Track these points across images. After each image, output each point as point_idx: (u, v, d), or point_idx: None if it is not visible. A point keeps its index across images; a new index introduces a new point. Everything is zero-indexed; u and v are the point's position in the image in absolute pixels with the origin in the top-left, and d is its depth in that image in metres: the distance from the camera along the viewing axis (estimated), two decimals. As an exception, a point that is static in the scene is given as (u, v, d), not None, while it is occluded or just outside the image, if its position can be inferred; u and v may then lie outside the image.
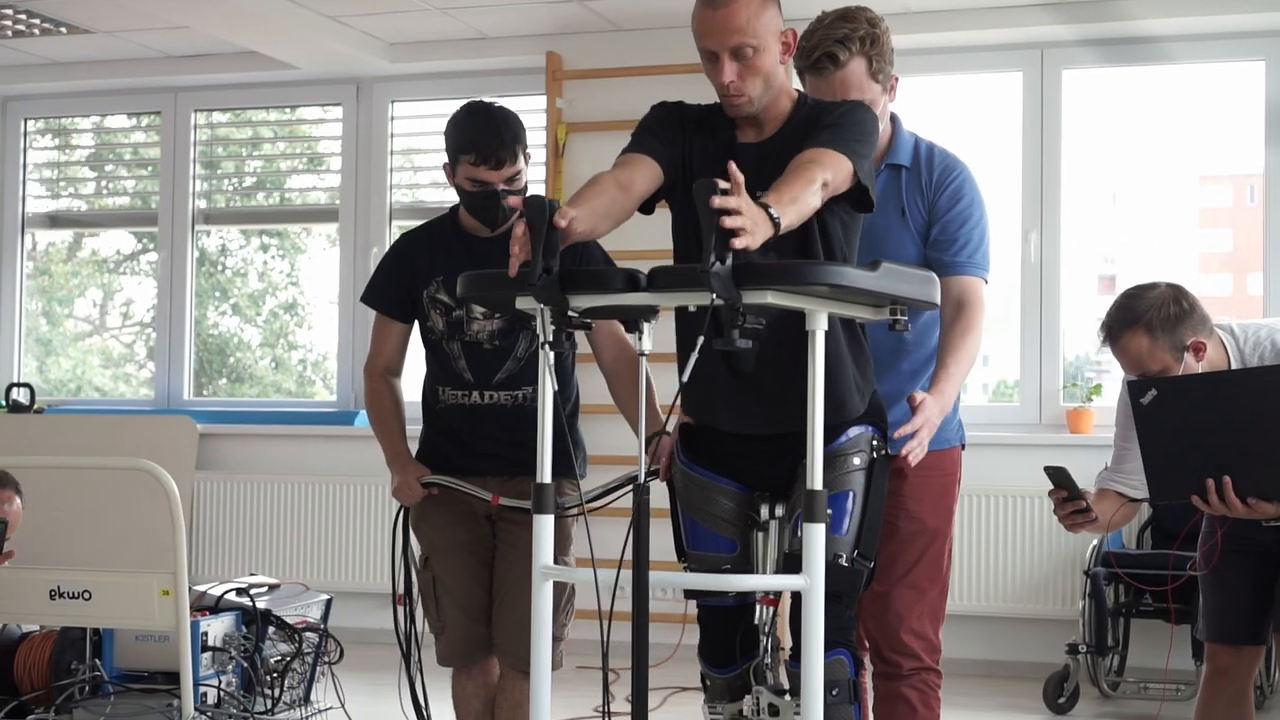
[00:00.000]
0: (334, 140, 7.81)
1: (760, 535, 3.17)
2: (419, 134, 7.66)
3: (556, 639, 3.82)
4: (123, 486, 7.06)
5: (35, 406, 7.83)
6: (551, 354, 2.82)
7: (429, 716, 3.97)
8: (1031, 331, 6.65)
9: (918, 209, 3.51)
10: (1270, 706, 5.71)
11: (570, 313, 2.76)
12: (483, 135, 3.66)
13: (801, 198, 2.80)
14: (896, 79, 3.49)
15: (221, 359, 8.36)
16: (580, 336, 3.87)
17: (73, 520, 6.91)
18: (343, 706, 4.52)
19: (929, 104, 6.78)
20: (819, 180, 2.85)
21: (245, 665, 4.30)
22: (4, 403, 7.88)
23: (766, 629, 3.17)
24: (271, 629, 4.40)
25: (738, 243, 2.58)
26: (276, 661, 4.42)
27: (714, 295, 2.59)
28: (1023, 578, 6.42)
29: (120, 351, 8.70)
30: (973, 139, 6.69)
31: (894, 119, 3.57)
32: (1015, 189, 6.71)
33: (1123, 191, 7.42)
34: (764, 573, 3.14)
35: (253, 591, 4.43)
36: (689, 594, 3.25)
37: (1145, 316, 3.41)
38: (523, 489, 3.70)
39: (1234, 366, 3.48)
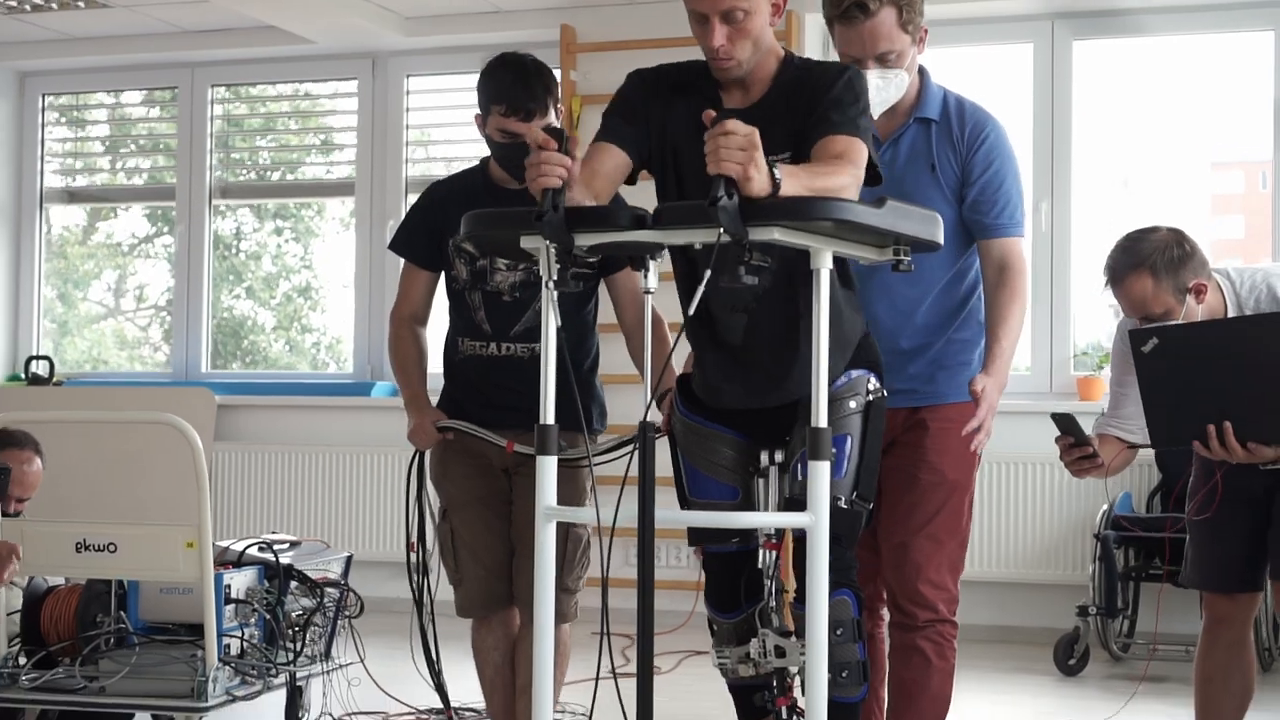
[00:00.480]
0: (350, 115, 7.87)
1: (761, 482, 3.21)
2: (434, 108, 7.72)
3: (570, 591, 3.87)
4: (142, 449, 7.13)
5: (54, 379, 7.91)
6: (555, 292, 2.83)
7: (438, 658, 4.02)
8: (1042, 301, 6.70)
9: (949, 164, 3.54)
10: (1278, 669, 5.77)
11: (575, 251, 2.77)
12: (514, 87, 3.69)
13: (816, 182, 2.82)
14: (926, 31, 3.52)
15: (236, 341, 8.43)
16: (604, 298, 3.95)
17: (95, 481, 6.98)
18: (362, 662, 4.57)
19: (940, 77, 6.81)
20: (847, 179, 2.89)
21: (268, 618, 4.36)
22: (23, 375, 7.96)
23: (770, 573, 3.21)
24: (293, 583, 4.46)
25: (725, 169, 2.59)
26: (298, 616, 4.48)
27: (721, 231, 2.62)
28: (1033, 543, 6.48)
29: (135, 335, 8.77)
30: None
31: (922, 72, 3.60)
32: (1026, 160, 6.76)
33: (1135, 177, 7.45)
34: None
35: (275, 547, 4.49)
36: (693, 540, 3.29)
37: (1149, 259, 3.46)
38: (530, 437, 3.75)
39: (1231, 310, 3.53)
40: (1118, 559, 5.90)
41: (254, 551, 4.49)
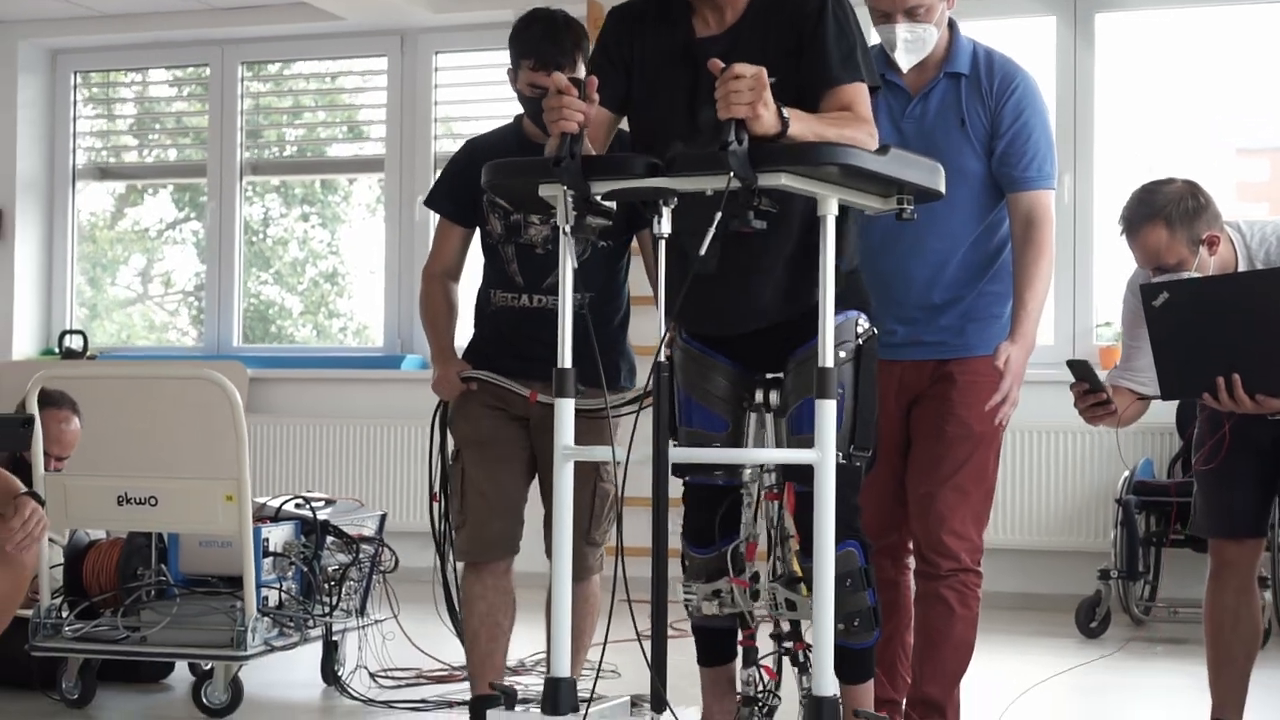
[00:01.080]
0: (378, 92, 7.95)
1: (753, 417, 3.23)
2: (462, 85, 7.80)
3: (596, 545, 3.92)
4: (174, 415, 7.22)
5: (88, 354, 8.01)
6: (573, 240, 2.90)
7: (459, 607, 4.03)
8: (1065, 271, 6.74)
9: (979, 117, 3.57)
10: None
11: (593, 199, 2.83)
12: (543, 42, 3.74)
13: (828, 131, 2.87)
14: None
15: (264, 325, 8.52)
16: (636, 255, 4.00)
17: (129, 445, 7.04)
18: (395, 618, 4.66)
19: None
20: (861, 134, 2.92)
21: (305, 570, 4.45)
22: (57, 349, 8.07)
23: (775, 524, 3.21)
24: (329, 539, 4.55)
25: (735, 111, 2.66)
26: (334, 570, 4.57)
27: (731, 175, 2.68)
28: (1056, 511, 6.54)
29: (164, 319, 8.86)
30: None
31: (952, 25, 3.62)
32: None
33: (1159, 164, 7.51)
34: (762, 469, 3.17)
35: (311, 503, 4.59)
36: (676, 471, 3.18)
37: (1164, 210, 3.51)
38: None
39: (1241, 262, 3.59)
40: (1139, 524, 5.95)
41: (290, 507, 4.59)
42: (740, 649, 3.23)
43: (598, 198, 2.85)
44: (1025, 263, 3.55)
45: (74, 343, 8.04)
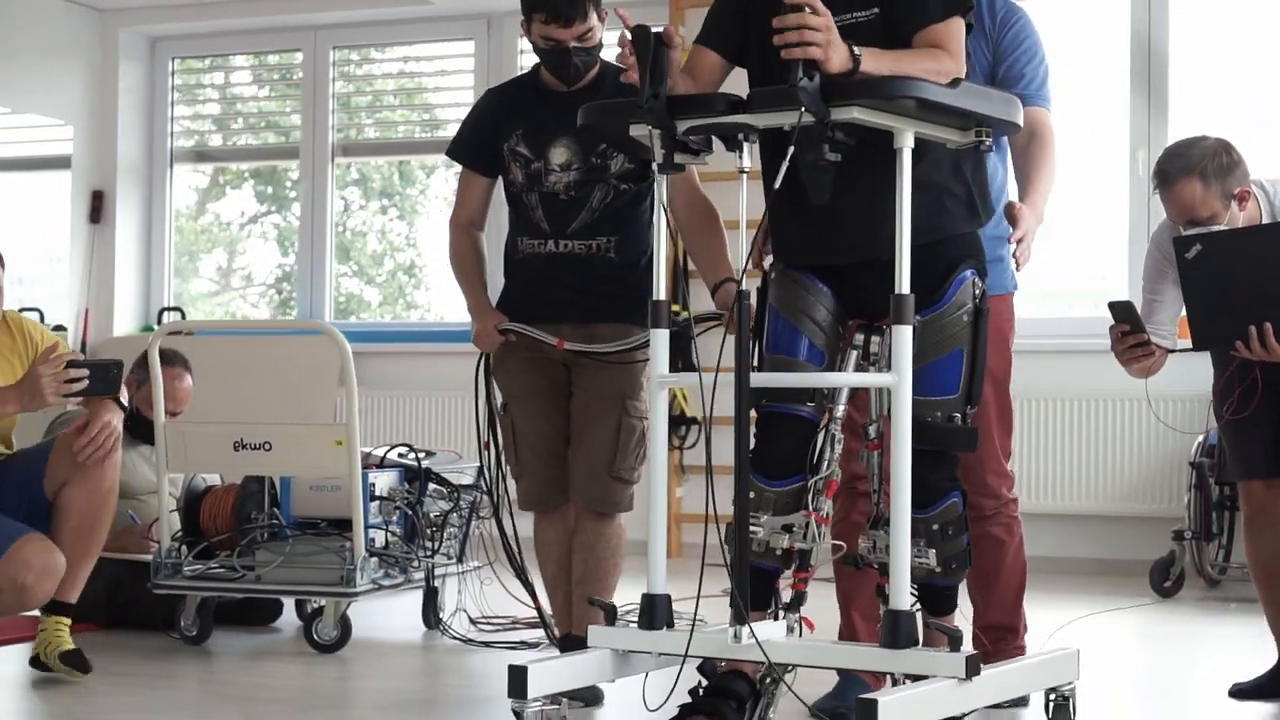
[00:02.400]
0: (464, 75, 8.18)
1: (854, 355, 3.26)
2: (547, 66, 7.99)
3: (625, 481, 3.95)
4: (278, 375, 7.46)
5: (186, 330, 8.29)
6: (664, 178, 3.05)
7: (519, 552, 4.19)
8: (1139, 246, 6.85)
9: (982, 53, 3.70)
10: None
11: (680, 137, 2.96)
12: None
13: (903, 65, 2.95)
14: None
15: (344, 317, 8.75)
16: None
17: (239, 400, 7.26)
18: (491, 566, 4.84)
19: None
20: (939, 65, 3.00)
21: (409, 514, 4.67)
22: (156, 326, 8.36)
23: (875, 471, 3.27)
24: (431, 485, 4.77)
25: (803, 52, 2.78)
26: (436, 516, 4.79)
27: (802, 110, 2.80)
28: (1131, 478, 6.66)
29: (246, 311, 9.09)
30: (1080, 55, 6.90)
31: None
32: (1123, 106, 6.92)
33: (1236, 138, 7.56)
34: (844, 403, 3.23)
35: (415, 451, 4.81)
36: (762, 393, 3.25)
37: (1199, 165, 3.66)
38: (594, 334, 3.89)
39: (1265, 217, 3.73)
40: (1212, 489, 6.07)
41: (394, 456, 4.81)
42: (792, 592, 3.22)
43: (684, 136, 2.98)
44: (1031, 156, 3.69)
45: (172, 319, 8.32)
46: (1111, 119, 6.92)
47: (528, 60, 7.97)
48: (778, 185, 2.94)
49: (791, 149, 2.87)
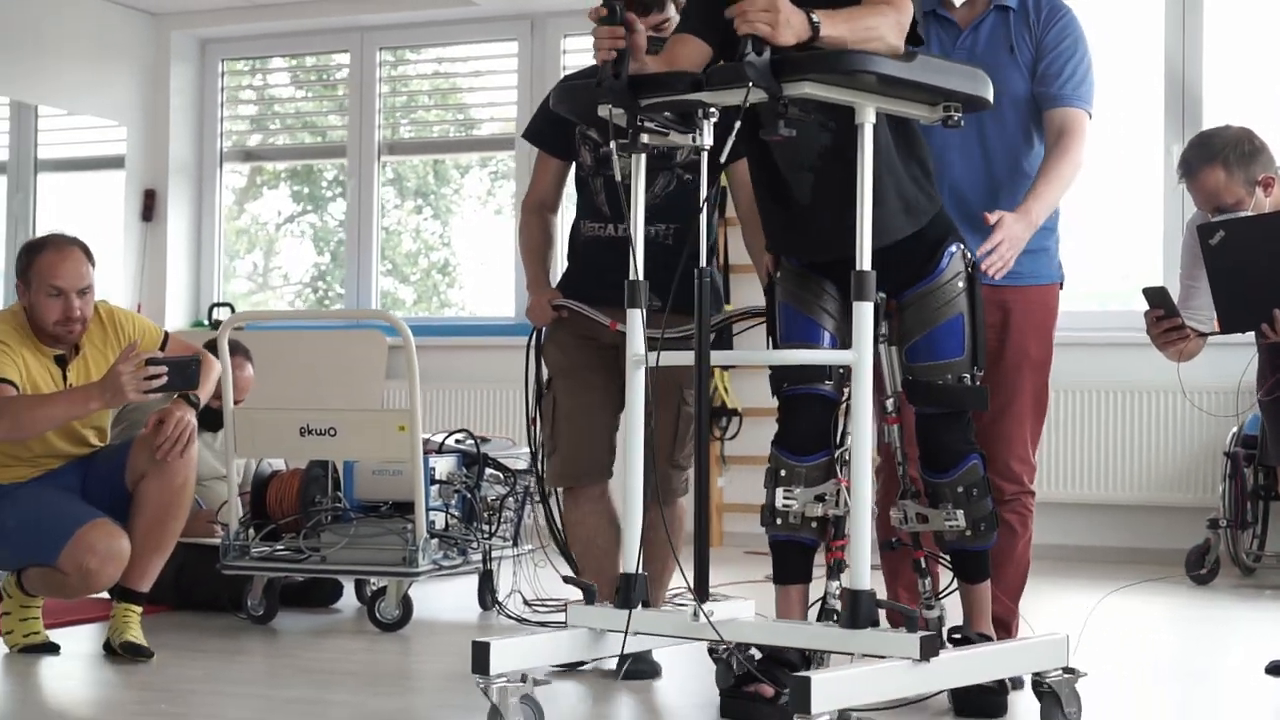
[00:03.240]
0: (510, 74, 8.34)
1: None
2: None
3: (681, 468, 4.04)
4: (330, 366, 7.64)
5: (238, 324, 8.47)
6: (641, 158, 3.14)
7: (562, 528, 4.24)
8: (1173, 240, 6.97)
9: (1025, 45, 3.79)
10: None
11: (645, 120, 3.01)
12: None
13: (855, 23, 2.94)
14: None
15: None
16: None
17: (292, 390, 7.42)
18: (543, 549, 4.98)
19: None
20: (884, 20, 2.98)
21: (469, 497, 4.83)
22: (206, 321, 8.54)
23: (896, 449, 3.45)
24: (488, 471, 4.93)
25: (750, 28, 2.79)
26: (492, 500, 4.95)
27: (750, 85, 2.82)
28: (1165, 468, 6.77)
29: (283, 309, 9.26)
30: (1115, 51, 6.99)
31: None
32: (1158, 102, 7.01)
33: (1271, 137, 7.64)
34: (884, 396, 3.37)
35: (474, 437, 4.98)
36: (776, 384, 3.38)
37: (1222, 153, 3.78)
38: (650, 320, 3.93)
39: None
40: (1247, 478, 6.18)
41: (452, 442, 4.97)
42: (830, 561, 3.35)
43: (651, 120, 3.04)
44: (1050, 159, 3.71)
45: (222, 314, 8.51)
46: (1147, 113, 7.02)
47: (571, 61, 8.13)
48: (723, 159, 3.02)
49: (738, 124, 2.91)
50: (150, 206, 8.62)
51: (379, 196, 8.57)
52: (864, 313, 2.99)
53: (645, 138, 3.12)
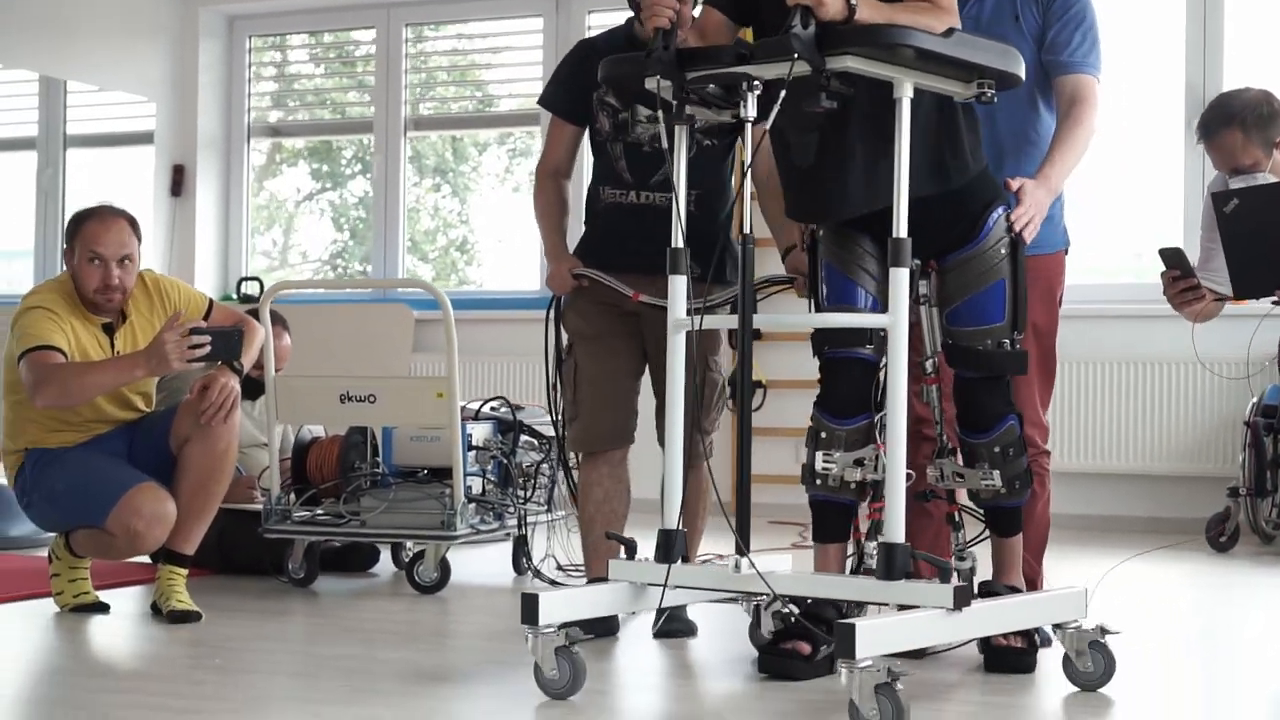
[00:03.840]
0: (535, 50, 8.41)
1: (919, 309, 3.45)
2: (614, 42, 8.21)
3: (707, 432, 4.08)
4: (359, 335, 7.72)
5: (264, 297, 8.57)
6: (684, 129, 3.22)
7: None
8: (1194, 208, 7.03)
9: (1032, 15, 3.82)
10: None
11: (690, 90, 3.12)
12: None
13: (899, 17, 3.06)
14: None
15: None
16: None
17: (322, 361, 7.51)
18: (576, 515, 5.07)
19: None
20: (935, 20, 3.09)
21: (505, 463, 4.93)
22: (235, 295, 8.65)
23: (935, 405, 3.50)
24: (524, 437, 5.02)
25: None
26: (528, 466, 5.04)
27: (795, 57, 2.93)
28: (1185, 439, 6.85)
29: (324, 280, 9.35)
30: (1135, 53, 7.03)
31: None
32: (1178, 97, 7.06)
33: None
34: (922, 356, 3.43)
35: (509, 404, 5.08)
36: (818, 346, 3.46)
37: (1240, 115, 3.86)
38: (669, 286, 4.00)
39: None
40: (1266, 447, 6.26)
41: (487, 410, 5.06)
42: (869, 522, 3.48)
43: (692, 89, 3.15)
44: (1064, 127, 3.74)
45: (250, 288, 8.61)
46: (1170, 112, 7.08)
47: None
48: (768, 126, 3.10)
49: (782, 94, 3.01)
50: (179, 182, 8.72)
51: (405, 172, 8.66)
52: (900, 278, 3.09)
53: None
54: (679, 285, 3.30)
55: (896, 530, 3.07)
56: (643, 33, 3.86)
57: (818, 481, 3.45)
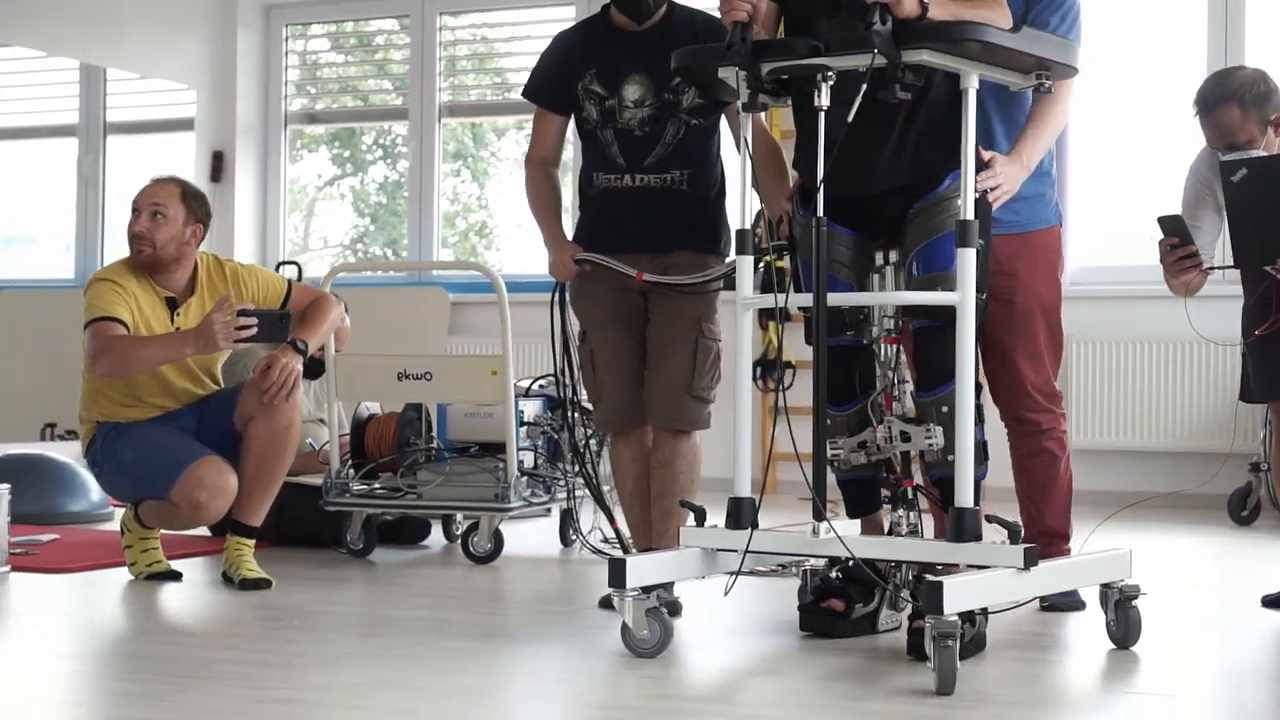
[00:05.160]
0: (566, 38, 8.58)
1: (876, 278, 3.55)
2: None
3: (703, 400, 4.14)
4: (395, 318, 7.91)
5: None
6: (748, 117, 3.38)
7: (595, 475, 4.54)
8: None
9: (1016, 1, 3.85)
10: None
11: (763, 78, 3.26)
12: None
13: (965, 13, 3.23)
14: None
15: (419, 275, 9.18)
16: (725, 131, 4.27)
17: (366, 343, 7.66)
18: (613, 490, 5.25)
19: (1111, 13, 7.31)
20: (995, 14, 3.27)
21: (555, 438, 5.13)
22: (273, 279, 8.84)
23: (893, 365, 3.55)
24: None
25: None
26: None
27: (875, 52, 3.12)
28: (1207, 416, 7.03)
29: (385, 261, 9.51)
30: (1155, 43, 7.19)
31: None
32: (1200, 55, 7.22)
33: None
34: (880, 316, 3.51)
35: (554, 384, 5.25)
36: (810, 336, 3.47)
37: (1238, 92, 3.96)
38: (670, 263, 4.09)
39: None
40: (1288, 424, 6.42)
41: (536, 388, 5.25)
42: (889, 495, 3.57)
43: (766, 78, 3.31)
44: (1039, 108, 3.84)
45: (288, 272, 8.80)
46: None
47: (626, 24, 8.36)
48: (851, 119, 3.23)
49: (864, 86, 3.18)
50: (219, 168, 8.91)
51: (439, 159, 8.84)
52: (967, 258, 3.26)
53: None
54: (746, 266, 3.44)
55: (966, 495, 3.25)
56: (621, 22, 4.10)
57: (836, 464, 3.62)
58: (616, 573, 3.29)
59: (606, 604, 3.86)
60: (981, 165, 3.59)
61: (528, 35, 8.89)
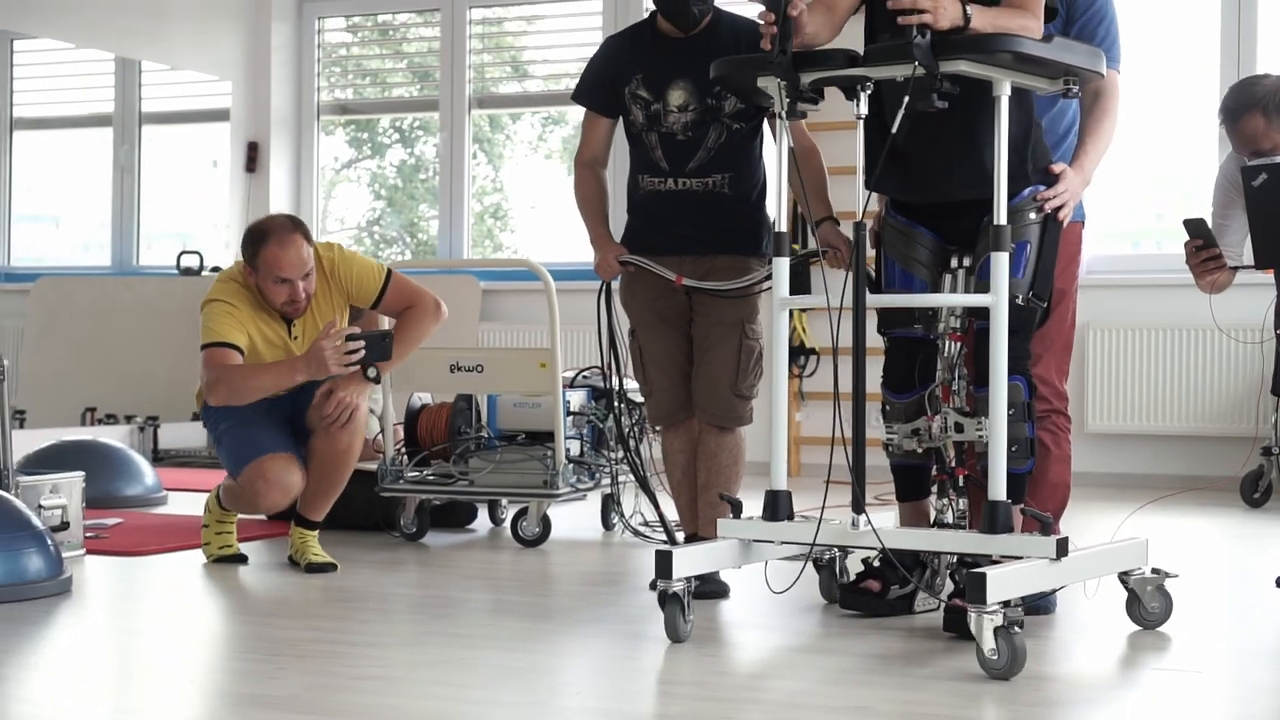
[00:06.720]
0: (594, 32, 8.78)
1: (948, 278, 3.71)
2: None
3: (745, 398, 4.33)
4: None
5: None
6: (787, 124, 3.52)
7: (640, 459, 4.77)
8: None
9: (1058, 9, 3.96)
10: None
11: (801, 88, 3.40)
12: None
13: (1002, 21, 3.36)
14: None
15: (433, 256, 9.37)
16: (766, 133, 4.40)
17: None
18: (659, 475, 5.47)
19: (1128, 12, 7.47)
20: (1031, 22, 3.41)
21: (601, 427, 5.36)
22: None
23: (955, 361, 3.69)
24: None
25: (916, 19, 3.21)
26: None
27: (915, 64, 3.28)
28: (1221, 401, 7.23)
29: (436, 259, 9.69)
30: (1170, 37, 7.35)
31: None
32: (1213, 90, 7.31)
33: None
34: (950, 314, 3.67)
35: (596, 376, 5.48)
36: (882, 326, 3.79)
37: (1263, 100, 4.09)
38: (712, 265, 4.25)
39: None
40: (1299, 409, 6.64)
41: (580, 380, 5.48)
42: (936, 483, 3.74)
43: (805, 87, 3.45)
44: (1092, 119, 3.94)
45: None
46: (1205, 95, 7.43)
47: (653, 18, 8.54)
48: (895, 129, 3.41)
49: (906, 98, 3.34)
50: (254, 158, 9.12)
51: (469, 149, 9.05)
52: (1000, 261, 3.43)
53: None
54: (781, 267, 3.64)
55: (999, 489, 3.42)
56: (666, 29, 4.26)
57: (889, 449, 3.80)
58: (663, 564, 3.49)
59: (657, 586, 4.07)
60: (1051, 179, 3.74)
61: (556, 29, 9.08)
